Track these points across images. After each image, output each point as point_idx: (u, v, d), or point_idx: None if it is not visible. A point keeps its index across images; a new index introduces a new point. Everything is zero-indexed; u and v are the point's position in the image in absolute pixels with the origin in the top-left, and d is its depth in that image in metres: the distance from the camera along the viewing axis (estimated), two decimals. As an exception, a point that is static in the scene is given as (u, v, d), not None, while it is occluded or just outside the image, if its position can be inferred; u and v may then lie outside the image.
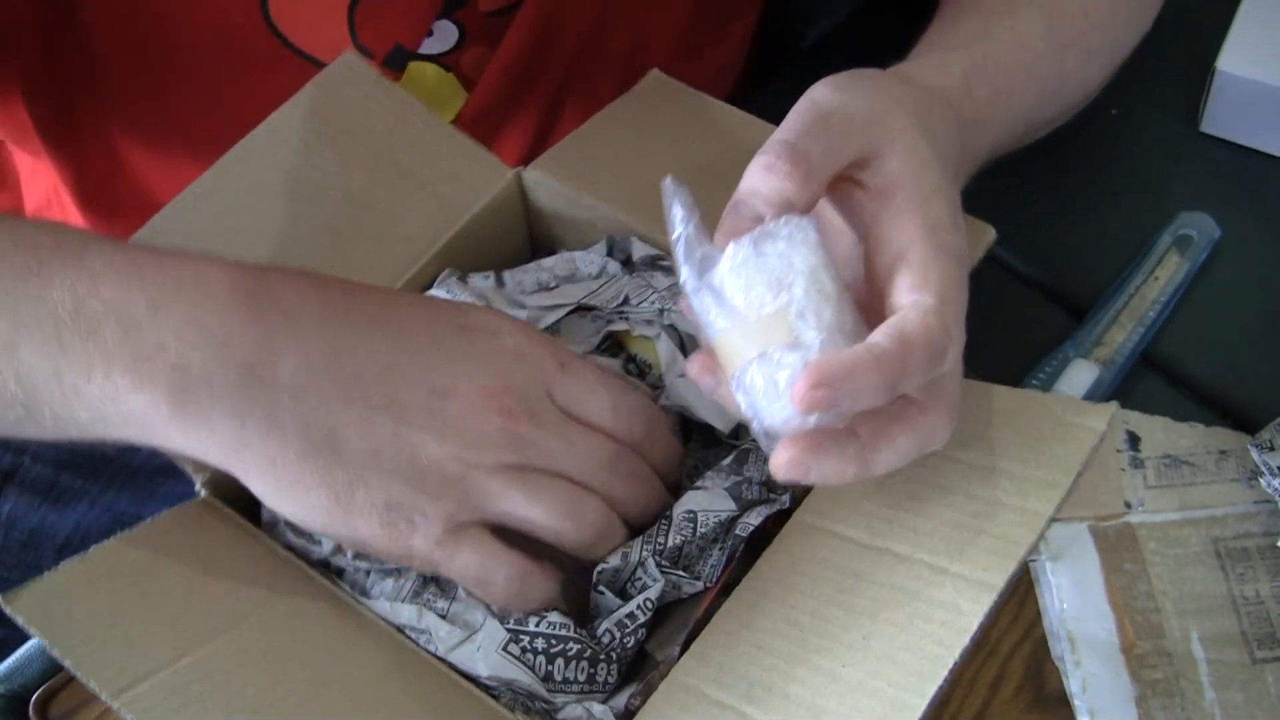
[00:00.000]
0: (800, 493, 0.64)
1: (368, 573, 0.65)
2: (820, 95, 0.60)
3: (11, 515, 0.89)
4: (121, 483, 0.94)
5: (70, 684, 0.71)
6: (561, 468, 0.61)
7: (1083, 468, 0.57)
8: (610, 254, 0.75)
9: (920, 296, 0.55)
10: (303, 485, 0.58)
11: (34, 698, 0.71)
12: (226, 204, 0.73)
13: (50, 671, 0.73)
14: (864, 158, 0.59)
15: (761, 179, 0.56)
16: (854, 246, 0.61)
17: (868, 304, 0.58)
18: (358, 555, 0.64)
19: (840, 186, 0.61)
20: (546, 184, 0.76)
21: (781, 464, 0.55)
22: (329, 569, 0.65)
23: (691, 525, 0.64)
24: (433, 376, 0.60)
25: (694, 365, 0.57)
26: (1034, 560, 0.74)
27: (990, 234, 0.70)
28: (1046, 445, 0.59)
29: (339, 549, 0.65)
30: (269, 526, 0.66)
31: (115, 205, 0.92)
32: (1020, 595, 0.74)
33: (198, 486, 0.66)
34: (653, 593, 0.62)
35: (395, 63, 0.86)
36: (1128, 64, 0.87)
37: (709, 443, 0.70)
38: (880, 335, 0.53)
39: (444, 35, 0.87)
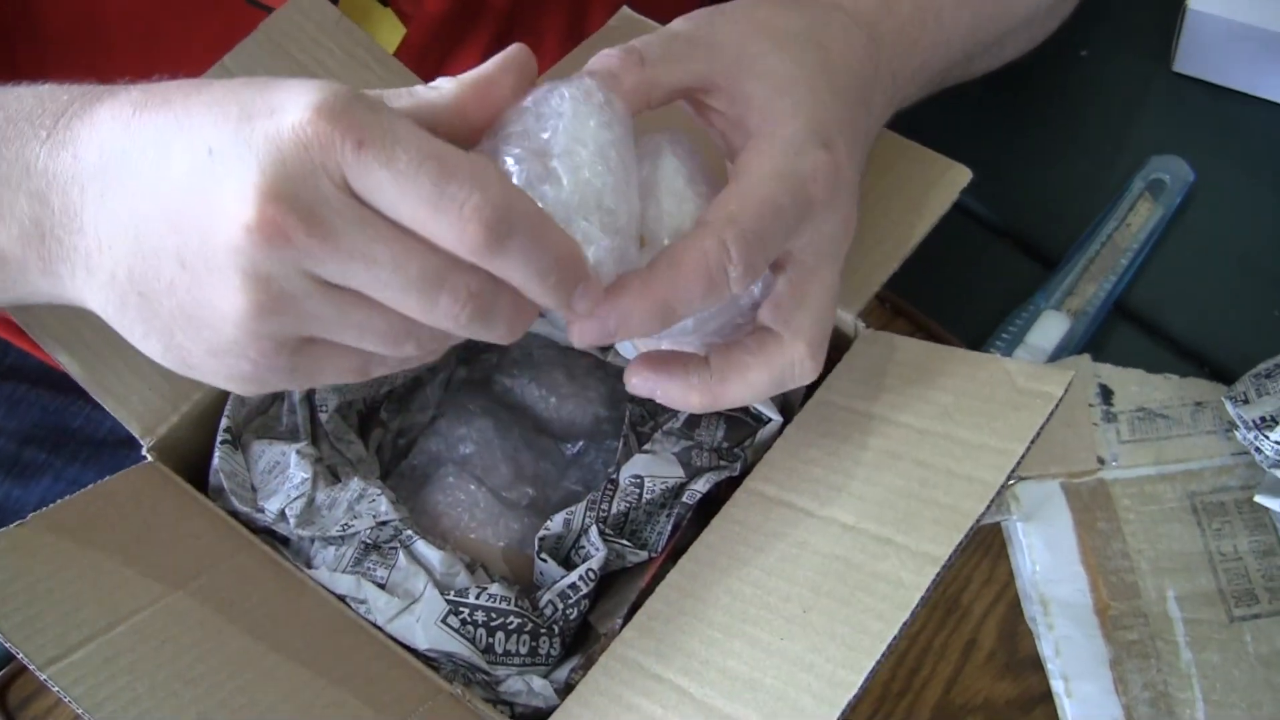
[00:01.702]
0: (750, 460, 0.63)
1: (311, 541, 0.64)
2: (676, 22, 0.59)
3: None
4: (86, 456, 0.93)
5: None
6: (363, 287, 0.47)
7: (1036, 435, 0.56)
8: None
9: (707, 216, 0.53)
10: (135, 337, 0.51)
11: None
12: None
13: (10, 655, 0.72)
14: (721, 88, 0.57)
15: (593, 60, 0.55)
16: None
17: None
18: (300, 524, 0.63)
19: (707, 119, 0.59)
20: None
21: (634, 380, 0.55)
22: (274, 537, 0.64)
23: (638, 491, 0.62)
24: (198, 200, 0.47)
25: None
26: (1006, 520, 0.73)
27: (965, 175, 0.68)
28: (1001, 412, 0.57)
29: (282, 517, 0.64)
30: (215, 493, 0.65)
31: None
32: (992, 557, 0.73)
33: (144, 451, 0.65)
34: (595, 562, 0.61)
35: None
36: (1097, 4, 0.85)
37: None
38: (654, 259, 0.52)
39: None
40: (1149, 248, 0.82)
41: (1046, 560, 0.71)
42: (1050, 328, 0.78)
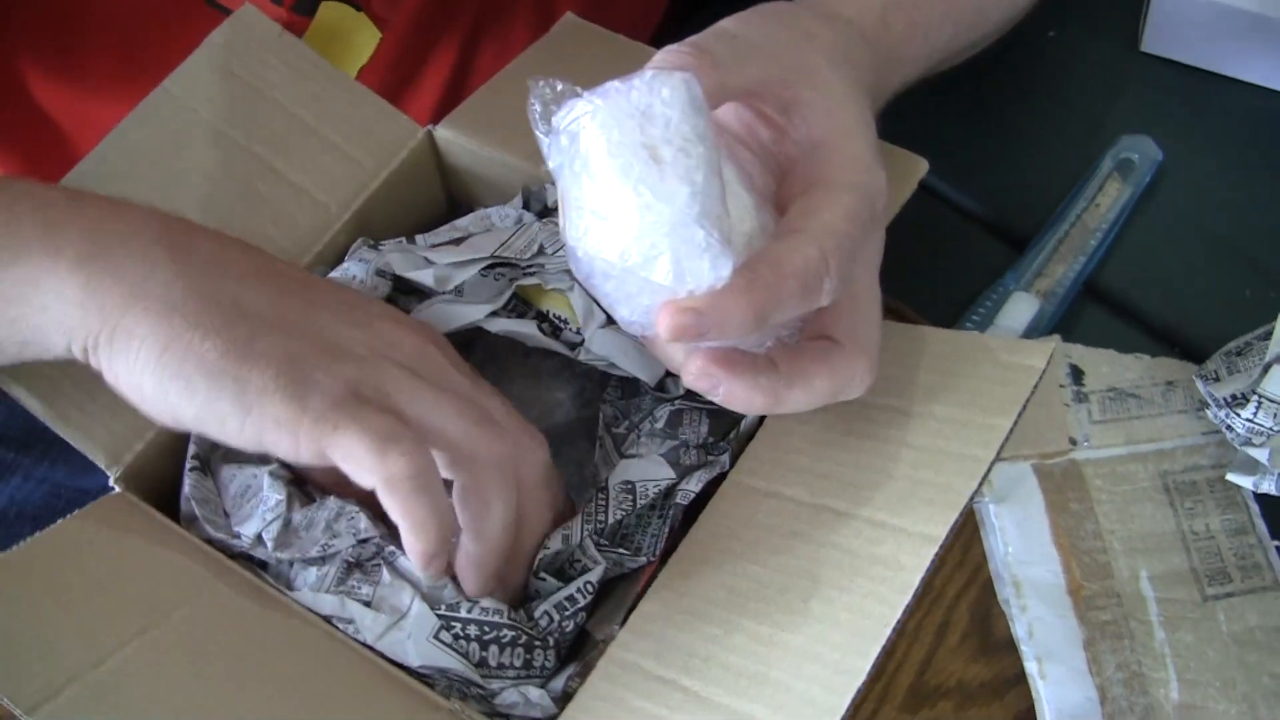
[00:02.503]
0: (736, 453, 0.62)
1: (290, 564, 0.62)
2: (727, 23, 0.58)
3: None
4: (55, 455, 0.92)
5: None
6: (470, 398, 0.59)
7: (1023, 409, 0.56)
8: (527, 206, 0.72)
9: (803, 223, 0.53)
10: (199, 332, 0.54)
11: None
12: (124, 173, 0.70)
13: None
14: (777, 94, 0.57)
15: (663, 58, 0.54)
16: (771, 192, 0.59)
17: None
18: (278, 546, 0.62)
19: (757, 128, 0.59)
20: (459, 141, 0.74)
21: (692, 370, 0.53)
22: (251, 562, 0.63)
23: (630, 497, 0.61)
24: (343, 293, 0.59)
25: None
26: (978, 503, 0.72)
27: (922, 166, 0.68)
28: (985, 387, 0.57)
29: (259, 541, 0.62)
30: (187, 521, 0.64)
31: (26, 144, 0.90)
32: (965, 539, 0.72)
33: (112, 481, 0.64)
34: (594, 575, 0.60)
35: (305, 7, 0.84)
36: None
37: (629, 392, 0.68)
38: (753, 261, 0.51)
39: None
40: (1118, 228, 0.82)
41: (1019, 542, 0.71)
42: (1020, 309, 0.78)
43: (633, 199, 0.49)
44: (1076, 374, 0.76)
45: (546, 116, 0.52)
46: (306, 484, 0.64)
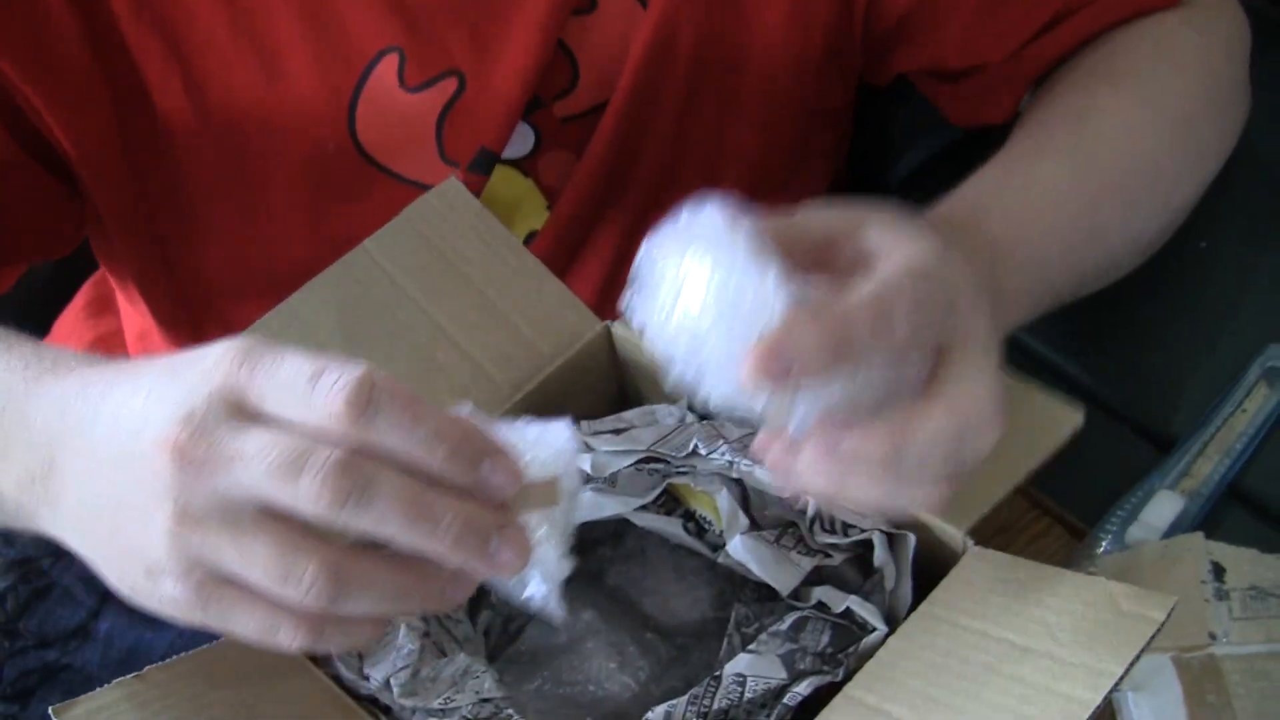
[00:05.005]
0: (852, 667, 0.64)
1: (414, 711, 0.65)
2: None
3: (110, 633, 0.88)
4: None
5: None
6: (241, 486, 0.51)
7: (1136, 657, 0.56)
8: (691, 407, 0.75)
9: (860, 277, 0.55)
10: (96, 562, 0.57)
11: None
12: (311, 325, 0.73)
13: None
14: (839, 240, 0.59)
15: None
16: None
17: None
18: (404, 694, 0.65)
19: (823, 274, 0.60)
20: (634, 339, 0.76)
21: (807, 458, 0.56)
22: (376, 705, 0.66)
23: (739, 689, 0.63)
24: (123, 436, 0.54)
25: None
26: (1117, 691, 0.74)
27: (1075, 419, 0.70)
28: (1101, 632, 0.58)
29: (386, 686, 0.65)
30: (322, 658, 0.67)
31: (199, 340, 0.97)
32: (1105, 726, 0.75)
33: None
34: None
35: (481, 167, 0.86)
36: (1214, 197, 0.86)
37: (765, 596, 0.70)
38: (817, 301, 0.54)
39: (522, 139, 0.87)
40: (1264, 433, 0.82)
41: (1156, 730, 0.73)
42: (1164, 507, 0.79)
43: (697, 264, 0.54)
44: (1218, 571, 0.76)
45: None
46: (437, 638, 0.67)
